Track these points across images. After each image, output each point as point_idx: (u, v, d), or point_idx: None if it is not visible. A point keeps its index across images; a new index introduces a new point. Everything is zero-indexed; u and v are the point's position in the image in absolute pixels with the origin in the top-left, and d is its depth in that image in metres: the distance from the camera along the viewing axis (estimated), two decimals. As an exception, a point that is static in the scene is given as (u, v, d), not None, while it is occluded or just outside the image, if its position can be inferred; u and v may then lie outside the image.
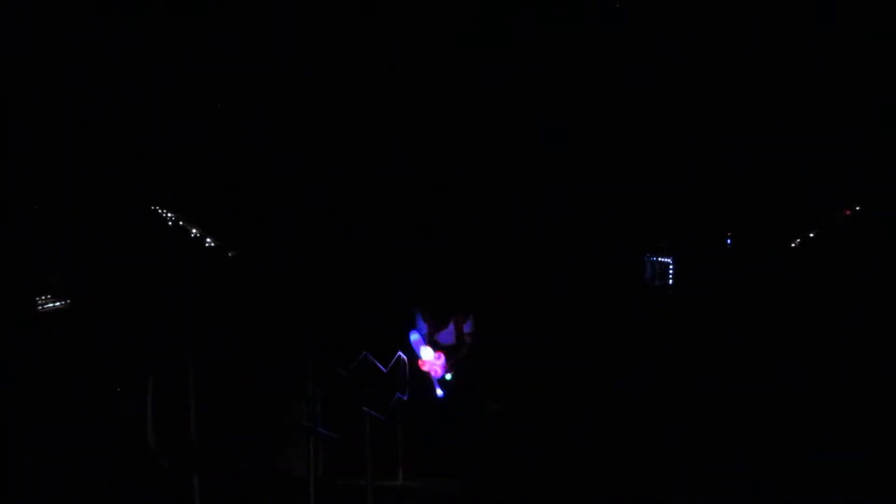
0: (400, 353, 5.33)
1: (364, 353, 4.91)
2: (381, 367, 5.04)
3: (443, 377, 5.81)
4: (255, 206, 10.83)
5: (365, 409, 4.74)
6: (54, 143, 9.32)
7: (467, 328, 5.92)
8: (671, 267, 10.72)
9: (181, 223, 12.59)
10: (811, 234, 11.02)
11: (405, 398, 5.24)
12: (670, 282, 10.71)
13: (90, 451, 3.88)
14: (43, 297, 9.16)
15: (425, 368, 5.73)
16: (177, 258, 10.21)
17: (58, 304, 9.62)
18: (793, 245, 11.36)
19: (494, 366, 6.39)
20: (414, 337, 5.88)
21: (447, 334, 6.01)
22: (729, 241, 11.08)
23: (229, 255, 12.30)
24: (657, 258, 10.98)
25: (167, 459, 2.69)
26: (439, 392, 5.75)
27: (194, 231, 12.61)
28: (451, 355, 5.89)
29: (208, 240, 12.33)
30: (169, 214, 12.40)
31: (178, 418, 3.12)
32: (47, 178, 9.18)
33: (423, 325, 5.94)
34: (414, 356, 5.78)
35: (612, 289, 9.84)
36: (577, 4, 9.79)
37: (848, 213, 10.79)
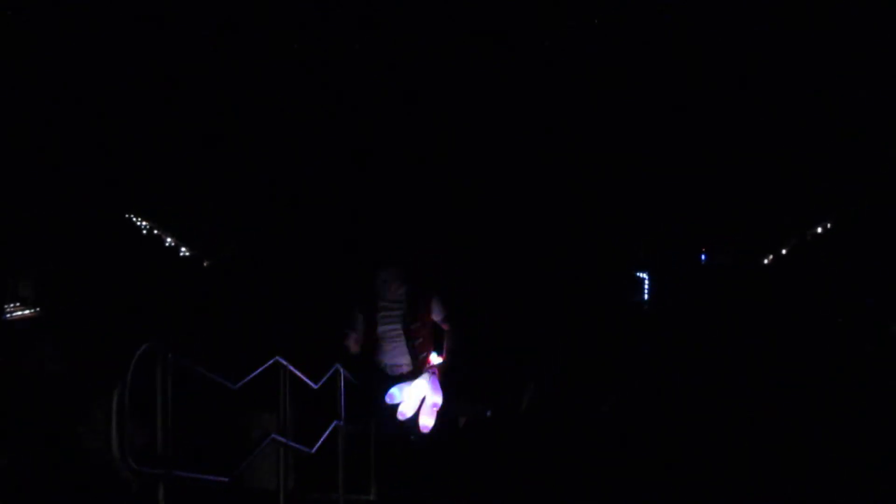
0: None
1: (336, 365, 4.87)
2: (353, 379, 5.00)
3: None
4: (232, 215, 10.77)
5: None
6: (26, 152, 9.19)
7: (437, 314, 5.06)
8: (646, 281, 10.79)
9: (156, 231, 12.46)
10: (783, 251, 11.19)
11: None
12: (645, 297, 10.77)
13: (54, 461, 3.79)
14: (12, 305, 9.00)
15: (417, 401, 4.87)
16: (150, 266, 10.08)
17: (27, 312, 9.44)
18: (765, 261, 11.50)
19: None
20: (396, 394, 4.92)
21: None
22: (703, 255, 11.19)
23: (204, 264, 12.20)
24: (636, 273, 11.03)
25: (131, 471, 2.61)
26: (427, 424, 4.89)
27: (169, 240, 12.49)
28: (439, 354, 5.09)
29: (183, 249, 12.23)
30: (144, 223, 12.26)
31: (144, 428, 3.05)
32: (20, 187, 9.04)
33: (360, 318, 5.07)
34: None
35: (590, 302, 9.86)
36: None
37: (815, 232, 10.97)
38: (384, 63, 10.00)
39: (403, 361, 5.02)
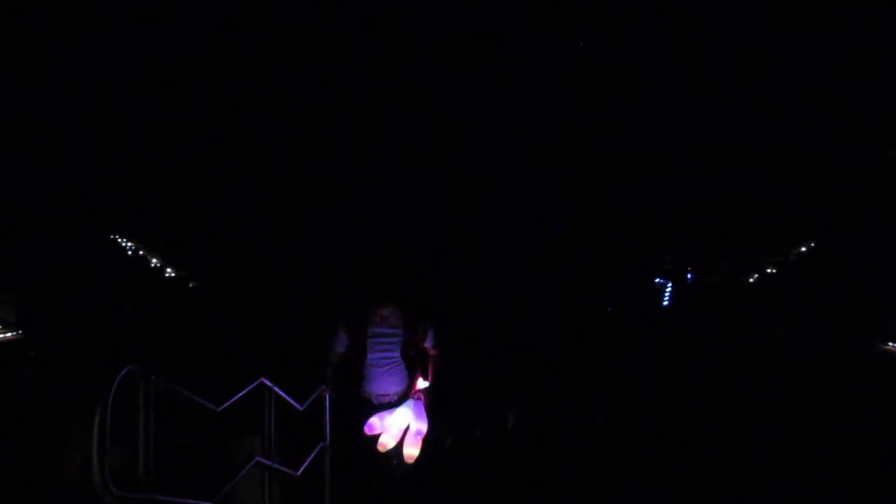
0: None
1: (322, 386, 4.83)
2: (339, 399, 4.95)
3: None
4: (219, 235, 10.72)
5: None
6: (10, 173, 9.12)
7: (429, 341, 5.01)
8: (668, 288, 10.71)
9: (141, 252, 12.38)
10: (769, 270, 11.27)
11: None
12: (665, 303, 10.71)
13: (34, 485, 3.72)
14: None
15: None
16: (135, 287, 10.00)
17: (9, 335, 9.33)
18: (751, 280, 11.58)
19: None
20: (376, 424, 4.75)
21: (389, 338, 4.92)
22: (690, 275, 11.25)
23: (190, 285, 12.12)
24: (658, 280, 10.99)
25: (112, 496, 2.57)
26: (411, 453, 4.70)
27: (154, 261, 12.41)
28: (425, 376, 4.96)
29: (169, 270, 12.14)
30: (129, 244, 12.18)
31: (126, 451, 3.00)
32: (1, 209, 8.96)
33: (344, 341, 4.93)
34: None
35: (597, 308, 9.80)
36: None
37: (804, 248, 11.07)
38: (373, 67, 10.03)
39: (392, 390, 4.87)
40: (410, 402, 4.74)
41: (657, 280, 10.92)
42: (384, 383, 4.85)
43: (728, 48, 9.77)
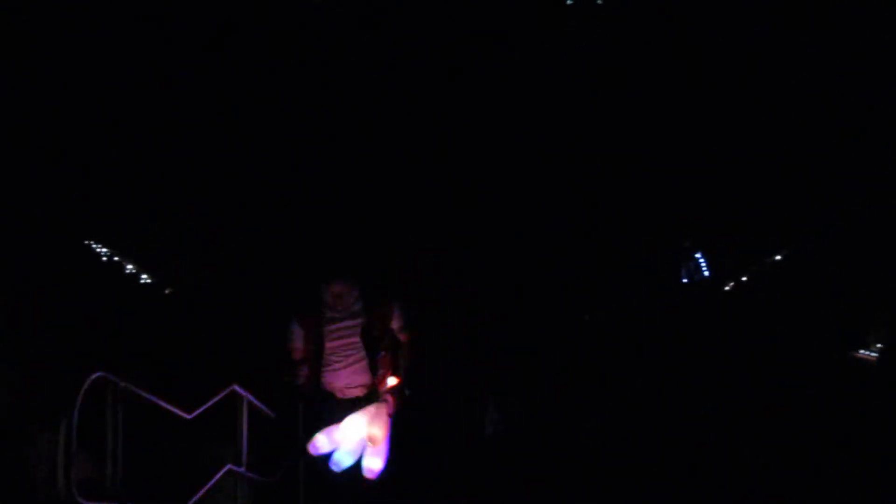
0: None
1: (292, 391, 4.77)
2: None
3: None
4: (191, 243, 10.62)
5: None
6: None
7: (396, 322, 4.26)
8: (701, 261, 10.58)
9: (116, 258, 12.25)
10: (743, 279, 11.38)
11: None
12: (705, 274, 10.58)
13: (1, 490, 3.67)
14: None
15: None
16: (109, 293, 9.88)
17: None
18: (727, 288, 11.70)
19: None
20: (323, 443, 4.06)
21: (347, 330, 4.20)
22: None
23: (166, 291, 12.01)
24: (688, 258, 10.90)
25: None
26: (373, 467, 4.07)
27: (130, 267, 12.28)
28: (393, 369, 4.26)
29: (144, 276, 12.02)
30: (103, 249, 12.04)
31: (94, 459, 2.96)
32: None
33: (300, 333, 4.21)
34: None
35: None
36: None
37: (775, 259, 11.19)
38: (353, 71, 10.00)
39: (359, 381, 4.18)
40: (371, 408, 4.06)
41: (695, 255, 10.76)
42: (347, 374, 4.17)
43: (707, 47, 9.87)
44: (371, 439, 3.97)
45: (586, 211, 10.37)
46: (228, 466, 3.82)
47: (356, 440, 3.99)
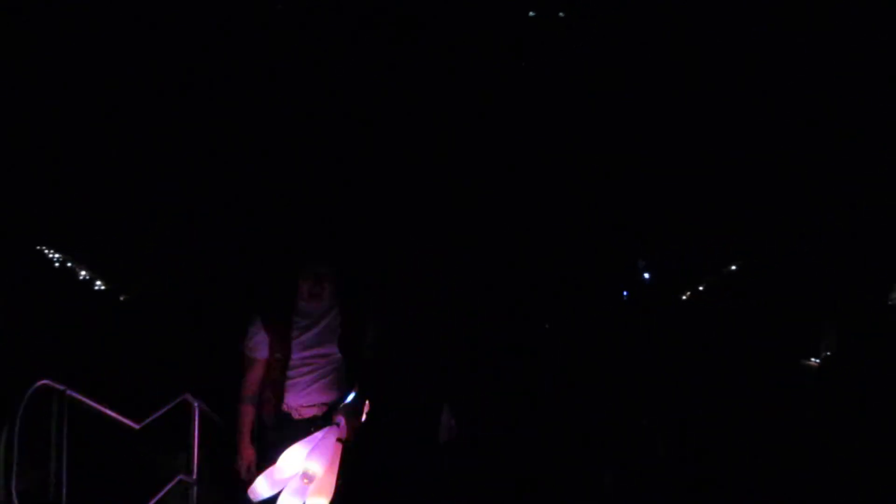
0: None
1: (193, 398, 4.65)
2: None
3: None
4: (148, 248, 10.45)
5: None
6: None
7: (369, 335, 3.69)
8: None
9: (69, 264, 11.98)
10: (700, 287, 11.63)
11: None
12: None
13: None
14: None
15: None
16: (61, 299, 9.67)
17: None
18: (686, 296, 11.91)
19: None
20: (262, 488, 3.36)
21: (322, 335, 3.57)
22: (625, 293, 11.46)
23: (121, 298, 11.78)
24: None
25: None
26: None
27: (84, 273, 12.03)
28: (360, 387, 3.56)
29: (98, 282, 11.78)
30: (56, 255, 11.78)
31: (39, 468, 2.89)
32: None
33: (263, 336, 3.54)
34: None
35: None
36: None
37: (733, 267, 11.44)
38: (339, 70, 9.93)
39: (320, 399, 3.52)
40: (317, 434, 3.37)
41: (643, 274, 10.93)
42: (311, 390, 3.52)
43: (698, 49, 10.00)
44: (306, 476, 3.24)
45: (547, 217, 10.45)
46: (179, 477, 3.74)
47: (299, 475, 3.27)
